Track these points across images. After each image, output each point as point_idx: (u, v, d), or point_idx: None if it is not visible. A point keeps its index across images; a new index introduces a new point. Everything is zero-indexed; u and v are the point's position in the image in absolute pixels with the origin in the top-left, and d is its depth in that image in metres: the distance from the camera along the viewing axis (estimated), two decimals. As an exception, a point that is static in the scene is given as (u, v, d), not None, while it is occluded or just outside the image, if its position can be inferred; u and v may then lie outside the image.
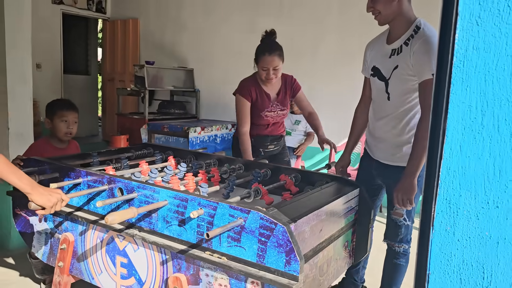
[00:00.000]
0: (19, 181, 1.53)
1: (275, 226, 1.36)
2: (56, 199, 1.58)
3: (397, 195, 1.98)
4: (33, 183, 1.57)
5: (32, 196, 1.55)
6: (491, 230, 0.89)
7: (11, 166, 1.53)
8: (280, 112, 2.94)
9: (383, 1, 1.96)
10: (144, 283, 1.75)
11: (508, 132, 0.85)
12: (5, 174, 1.50)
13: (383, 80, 2.08)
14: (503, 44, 0.83)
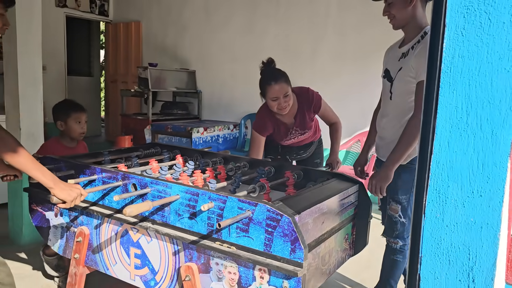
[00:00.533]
0: (43, 176, 1.64)
1: (281, 218, 1.48)
2: (76, 193, 1.69)
3: (371, 182, 2.11)
4: (55, 179, 1.69)
5: (54, 191, 1.66)
6: (475, 216, 1.00)
7: (36, 162, 1.64)
8: (300, 136, 2.84)
9: (399, 6, 2.08)
10: (157, 272, 1.87)
11: (490, 129, 0.97)
12: (30, 170, 1.62)
13: (390, 81, 2.21)
14: (484, 52, 0.95)
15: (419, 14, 2.09)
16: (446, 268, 1.05)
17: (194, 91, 6.27)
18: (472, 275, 1.02)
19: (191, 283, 1.73)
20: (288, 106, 2.58)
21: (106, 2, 7.07)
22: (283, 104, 2.55)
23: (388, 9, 2.13)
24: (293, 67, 5.48)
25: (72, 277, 2.17)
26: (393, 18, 2.13)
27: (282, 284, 1.52)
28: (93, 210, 2.02)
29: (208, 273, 1.70)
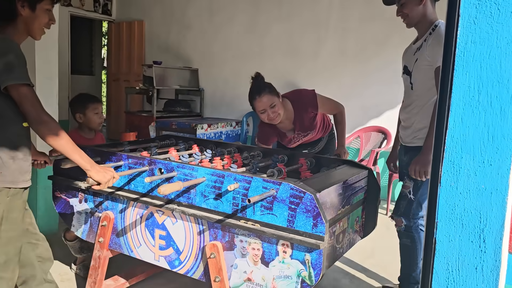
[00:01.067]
0: (81, 159, 1.76)
1: (304, 195, 1.61)
2: (110, 176, 1.81)
3: (414, 167, 2.22)
4: (92, 162, 1.80)
5: (90, 173, 1.78)
6: (486, 184, 1.13)
7: (75, 146, 1.75)
8: (304, 138, 2.86)
9: (411, 5, 2.25)
10: (182, 252, 1.99)
11: (499, 106, 1.10)
12: (70, 152, 1.73)
13: (409, 74, 2.35)
14: (494, 38, 1.09)
15: (430, 11, 2.26)
16: (460, 231, 1.18)
17: (197, 89, 6.39)
18: (483, 236, 1.15)
19: (215, 260, 1.85)
20: (278, 115, 2.61)
21: (109, 1, 7.17)
22: (271, 115, 2.59)
23: (401, 9, 2.29)
24: (295, 65, 5.63)
25: (96, 260, 2.28)
26: (406, 17, 2.29)
27: (304, 257, 1.65)
28: (119, 195, 2.13)
29: (232, 250, 1.83)
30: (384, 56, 4.92)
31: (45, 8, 1.78)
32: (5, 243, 1.73)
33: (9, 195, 1.71)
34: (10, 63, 1.62)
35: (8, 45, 1.65)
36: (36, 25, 1.78)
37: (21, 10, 1.73)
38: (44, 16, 1.78)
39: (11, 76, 1.62)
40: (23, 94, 1.64)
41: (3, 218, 1.70)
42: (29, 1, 1.73)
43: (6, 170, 1.69)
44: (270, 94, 2.60)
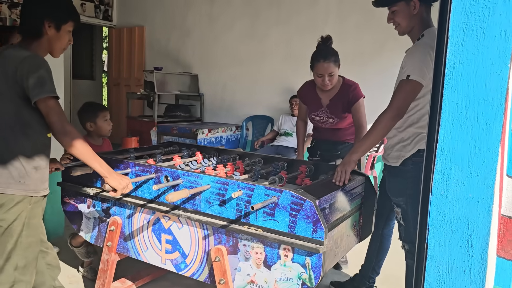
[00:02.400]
0: (100, 167, 1.85)
1: (304, 202, 1.71)
2: (126, 183, 1.91)
3: (337, 169, 2.18)
4: (110, 169, 1.89)
5: (108, 180, 1.87)
6: (473, 193, 1.23)
7: (95, 154, 1.85)
8: (326, 119, 2.90)
9: (402, 14, 2.18)
10: (188, 256, 2.08)
11: (484, 121, 1.20)
12: (90, 160, 1.83)
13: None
14: (480, 59, 1.19)
15: (423, 18, 2.18)
16: (449, 236, 1.28)
17: (197, 94, 6.49)
18: (471, 241, 1.25)
19: (220, 264, 1.94)
20: (331, 84, 2.75)
21: (110, 8, 7.27)
22: (326, 81, 2.73)
23: (392, 17, 2.24)
24: (293, 70, 5.73)
25: (104, 263, 2.37)
26: (398, 26, 2.24)
27: (304, 260, 1.74)
28: (126, 201, 2.22)
29: (236, 254, 1.92)
30: (380, 61, 5.02)
31: (67, 30, 1.89)
32: (26, 248, 1.82)
33: (31, 203, 1.82)
34: (41, 77, 1.73)
35: (40, 62, 1.76)
36: (58, 45, 1.89)
37: (48, 30, 1.84)
38: (66, 36, 1.90)
39: (42, 89, 1.72)
40: (50, 106, 1.75)
41: (25, 224, 1.80)
42: (56, 22, 1.84)
43: (29, 179, 1.79)
44: (333, 63, 2.70)
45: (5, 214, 1.76)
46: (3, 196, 1.76)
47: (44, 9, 1.84)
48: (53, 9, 1.84)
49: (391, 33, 2.98)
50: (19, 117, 1.77)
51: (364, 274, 2.70)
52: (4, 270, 1.80)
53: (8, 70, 1.74)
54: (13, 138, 1.77)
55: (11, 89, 1.74)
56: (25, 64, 1.72)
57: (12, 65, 1.74)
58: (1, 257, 1.79)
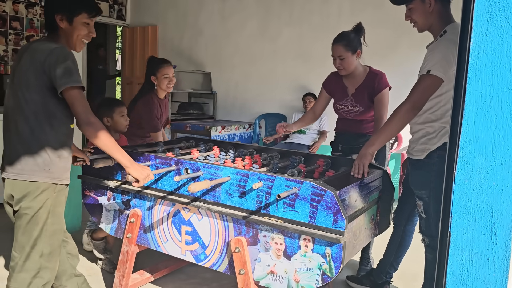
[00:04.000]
0: (122, 157, 1.90)
1: (325, 193, 1.73)
2: (147, 174, 1.94)
3: (355, 162, 2.20)
4: (132, 160, 1.93)
5: (129, 170, 1.91)
6: (497, 181, 1.24)
7: (116, 144, 1.89)
8: (351, 108, 2.88)
9: (419, 11, 2.18)
10: (207, 247, 2.11)
11: (509, 110, 1.21)
12: (113, 151, 1.87)
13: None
14: (504, 49, 1.20)
15: (442, 14, 2.17)
16: (473, 224, 1.29)
17: (209, 92, 6.53)
18: (494, 229, 1.26)
19: (240, 254, 1.97)
20: (343, 68, 2.77)
21: (124, 7, 7.35)
22: (337, 64, 2.77)
23: (410, 14, 2.24)
24: (305, 68, 5.75)
25: (124, 255, 2.41)
26: (415, 23, 2.25)
27: (325, 251, 1.76)
28: (146, 193, 2.26)
29: (256, 244, 1.95)
30: (394, 60, 5.01)
31: (82, 21, 1.90)
32: (51, 235, 1.87)
33: (56, 191, 1.86)
34: (68, 68, 1.77)
35: (66, 53, 1.81)
36: (75, 37, 1.91)
37: (60, 23, 1.87)
38: (82, 28, 1.90)
39: (69, 79, 1.77)
40: (76, 96, 1.79)
41: (50, 212, 1.84)
42: (67, 15, 1.87)
43: (54, 167, 1.84)
44: (343, 46, 2.73)
45: (31, 202, 1.81)
46: (29, 184, 1.81)
47: (54, 3, 1.88)
48: (62, 2, 1.87)
49: (404, 29, 2.97)
50: (45, 107, 1.82)
51: (382, 269, 2.70)
52: (31, 257, 1.85)
53: (36, 61, 1.78)
54: (38, 127, 1.82)
55: (39, 79, 1.79)
56: (53, 55, 1.77)
57: (40, 57, 1.78)
58: (28, 244, 1.84)
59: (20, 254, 1.86)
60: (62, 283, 2.09)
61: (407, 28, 2.54)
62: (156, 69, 3.21)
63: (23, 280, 1.85)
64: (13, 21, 6.13)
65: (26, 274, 1.86)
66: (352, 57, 2.77)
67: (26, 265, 1.86)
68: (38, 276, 1.88)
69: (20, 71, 1.83)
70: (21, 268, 1.86)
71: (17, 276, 1.86)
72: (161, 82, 3.20)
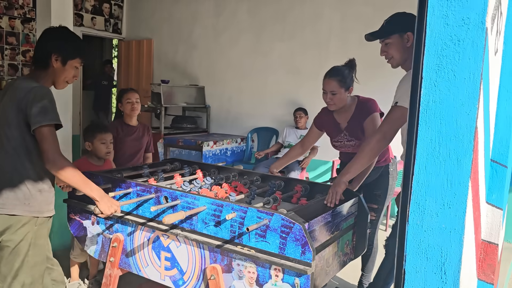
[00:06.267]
0: (91, 192, 1.97)
1: (293, 225, 1.79)
2: (114, 209, 2.03)
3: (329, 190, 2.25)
4: (101, 194, 2.00)
5: (99, 204, 1.99)
6: (446, 223, 1.31)
7: (86, 179, 1.96)
8: (347, 142, 2.85)
9: (397, 46, 2.23)
10: (185, 273, 2.17)
11: (455, 157, 1.28)
12: (80, 186, 1.94)
13: None
14: (451, 99, 1.27)
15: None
16: (425, 263, 1.36)
17: (203, 106, 6.61)
18: (444, 268, 1.33)
19: (215, 282, 2.03)
20: (333, 104, 2.73)
21: (119, 21, 7.45)
22: (327, 99, 2.73)
23: (386, 49, 2.30)
24: (297, 83, 5.83)
25: (107, 278, 2.47)
26: (391, 58, 2.29)
27: (294, 281, 1.82)
28: (128, 219, 2.32)
29: (230, 272, 2.01)
30: (382, 78, 5.09)
31: (74, 65, 2.02)
32: (32, 266, 1.94)
33: (37, 223, 1.94)
34: (44, 107, 1.85)
35: (45, 92, 1.88)
36: (62, 78, 2.02)
37: (54, 63, 1.97)
38: (71, 71, 2.02)
39: (44, 118, 1.84)
40: (45, 134, 1.85)
41: (31, 244, 1.92)
42: (63, 57, 1.97)
43: (33, 201, 1.91)
44: (337, 82, 2.69)
45: (12, 235, 1.88)
46: (10, 217, 1.88)
47: (53, 43, 1.97)
48: (61, 44, 1.97)
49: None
50: (25, 144, 1.89)
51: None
52: (12, 287, 1.91)
53: (16, 99, 1.86)
54: (19, 162, 1.89)
55: (18, 116, 1.87)
56: (31, 94, 1.85)
57: (20, 94, 1.86)
58: (9, 275, 1.91)
59: (3, 284, 1.93)
60: None
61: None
62: (121, 96, 3.39)
63: None
64: (9, 36, 6.22)
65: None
66: (345, 93, 2.73)
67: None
68: None
69: (3, 108, 1.91)
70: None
71: None
72: (125, 107, 3.37)
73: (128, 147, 3.41)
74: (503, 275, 2.95)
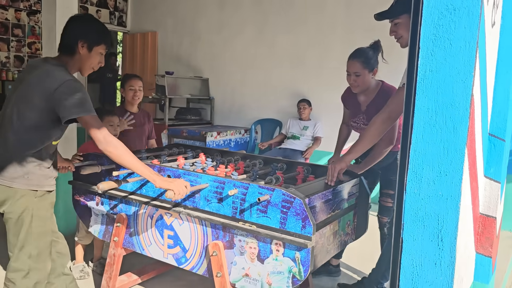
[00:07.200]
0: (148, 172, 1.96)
1: (294, 200, 1.82)
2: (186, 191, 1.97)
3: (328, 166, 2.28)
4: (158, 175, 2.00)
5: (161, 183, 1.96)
6: (442, 191, 1.33)
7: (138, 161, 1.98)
8: (362, 125, 2.81)
9: (405, 27, 2.20)
10: (188, 250, 2.21)
11: (452, 125, 1.30)
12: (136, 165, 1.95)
13: None
14: (447, 68, 1.29)
15: None
16: (422, 231, 1.38)
17: (207, 97, 6.64)
18: (441, 235, 1.35)
19: (217, 258, 2.06)
20: (357, 86, 2.70)
21: (124, 14, 7.49)
22: (351, 80, 2.70)
23: (395, 29, 2.28)
24: (301, 75, 5.85)
25: (111, 257, 2.51)
26: (401, 38, 2.28)
27: (294, 255, 1.85)
28: (132, 198, 2.36)
29: (232, 248, 2.04)
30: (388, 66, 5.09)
31: (99, 51, 2.07)
32: (37, 237, 2.00)
33: (36, 196, 1.99)
34: (81, 99, 1.90)
35: (78, 86, 1.94)
36: (88, 64, 2.08)
37: (80, 49, 2.03)
38: (97, 57, 2.08)
39: (83, 109, 1.90)
40: (90, 122, 1.91)
41: (33, 216, 1.97)
42: (89, 43, 2.02)
43: (33, 175, 1.98)
44: (360, 63, 2.68)
45: (13, 207, 1.96)
46: (9, 189, 1.95)
47: (80, 30, 2.03)
48: (88, 31, 2.03)
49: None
50: (37, 126, 1.95)
51: (374, 279, 2.75)
52: (19, 258, 1.99)
53: (45, 85, 1.91)
54: (27, 140, 1.96)
55: (42, 102, 1.91)
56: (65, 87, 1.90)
57: (52, 83, 1.90)
58: (16, 246, 1.98)
59: (12, 254, 2.01)
60: (50, 280, 2.20)
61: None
62: (124, 82, 3.40)
63: (14, 280, 1.99)
64: (15, 28, 6.28)
65: (15, 274, 1.99)
66: (369, 75, 2.70)
67: (16, 265, 2.00)
68: (28, 277, 2.00)
69: (28, 86, 1.96)
70: (12, 268, 2.00)
71: (9, 275, 2.00)
72: (127, 93, 3.36)
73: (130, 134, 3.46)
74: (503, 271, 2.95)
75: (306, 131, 5.37)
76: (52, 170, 2.08)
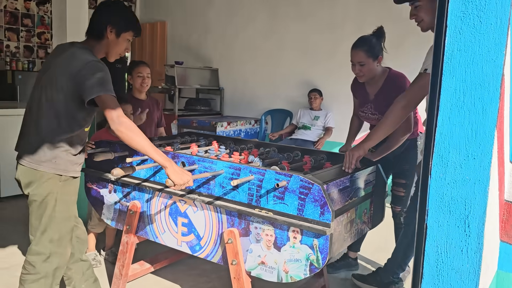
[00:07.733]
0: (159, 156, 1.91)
1: (312, 186, 1.78)
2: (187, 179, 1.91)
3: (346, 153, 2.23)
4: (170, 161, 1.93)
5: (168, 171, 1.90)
6: (470, 175, 1.28)
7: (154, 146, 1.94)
8: (370, 115, 2.78)
9: (426, 9, 2.13)
10: (202, 238, 2.18)
11: (481, 106, 1.25)
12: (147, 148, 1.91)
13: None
14: (476, 47, 1.24)
15: None
16: (448, 217, 1.33)
17: (217, 88, 6.60)
18: (468, 221, 1.30)
19: (233, 245, 2.03)
20: (362, 75, 2.65)
21: (133, 4, 7.45)
22: (356, 70, 2.66)
23: (416, 12, 2.19)
24: (312, 64, 5.78)
25: (124, 245, 2.50)
26: (421, 21, 2.19)
27: (312, 242, 1.82)
28: (145, 186, 2.34)
29: (248, 236, 2.01)
30: (400, 57, 5.02)
31: (127, 38, 2.07)
32: (59, 222, 2.00)
33: (61, 180, 2.00)
34: (101, 78, 1.89)
35: (101, 66, 1.92)
36: (115, 50, 2.07)
37: (109, 34, 2.02)
38: (124, 44, 2.07)
39: (102, 88, 1.88)
40: (106, 101, 1.89)
41: (57, 200, 1.98)
42: (117, 29, 2.02)
43: (60, 160, 1.99)
44: (364, 52, 2.61)
45: (38, 189, 1.96)
46: (36, 172, 1.95)
47: (109, 16, 2.02)
48: (117, 17, 2.02)
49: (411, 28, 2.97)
50: (67, 109, 1.95)
51: (390, 269, 2.71)
52: (41, 242, 1.99)
53: (71, 67, 1.91)
54: (56, 125, 1.96)
55: (69, 84, 1.92)
56: (88, 68, 1.89)
57: (77, 65, 1.91)
58: (38, 229, 1.99)
59: (34, 237, 2.01)
60: (67, 265, 2.20)
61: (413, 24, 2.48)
62: (132, 69, 3.36)
63: (34, 263, 1.99)
64: (24, 18, 6.27)
65: (36, 257, 1.99)
66: (373, 63, 2.64)
67: (37, 249, 2.00)
68: (48, 261, 2.01)
69: (53, 69, 1.96)
70: (33, 251, 2.00)
71: (30, 258, 2.00)
72: (135, 81, 3.33)
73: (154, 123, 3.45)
74: None
75: (317, 121, 5.32)
76: (79, 157, 2.09)
